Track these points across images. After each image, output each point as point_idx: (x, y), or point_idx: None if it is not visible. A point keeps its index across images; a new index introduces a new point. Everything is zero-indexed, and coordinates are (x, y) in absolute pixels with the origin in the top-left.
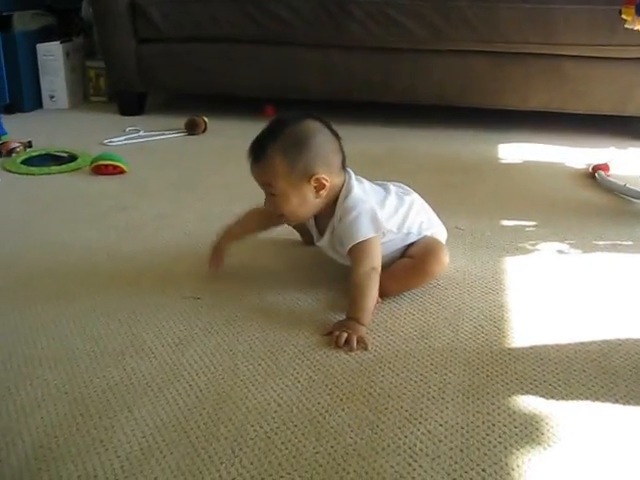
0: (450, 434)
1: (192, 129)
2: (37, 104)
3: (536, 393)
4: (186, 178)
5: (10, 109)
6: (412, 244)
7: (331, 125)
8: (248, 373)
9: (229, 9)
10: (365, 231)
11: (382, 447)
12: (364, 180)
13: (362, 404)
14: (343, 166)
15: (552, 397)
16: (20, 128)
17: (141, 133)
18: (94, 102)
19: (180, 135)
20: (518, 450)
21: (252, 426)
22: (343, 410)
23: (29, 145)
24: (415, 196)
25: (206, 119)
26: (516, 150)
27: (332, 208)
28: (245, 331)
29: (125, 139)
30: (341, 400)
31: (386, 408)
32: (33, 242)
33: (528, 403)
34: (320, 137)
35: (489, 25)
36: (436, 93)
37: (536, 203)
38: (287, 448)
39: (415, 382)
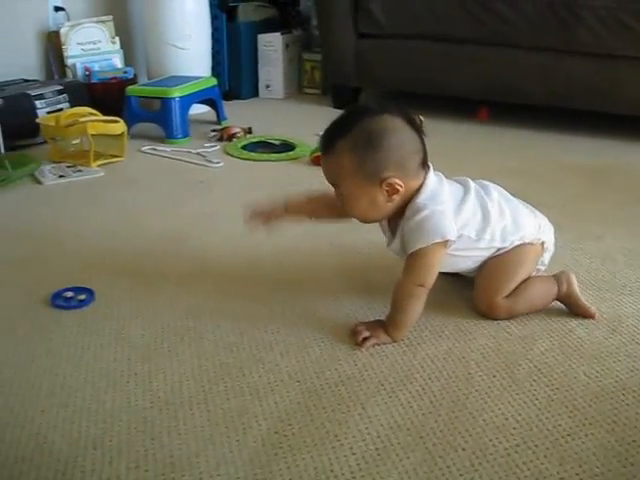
0: None
1: None
2: (254, 92)
3: None
4: None
5: (228, 96)
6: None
7: (414, 120)
8: (483, 384)
9: (452, 7)
10: (429, 236)
11: None
12: (444, 178)
13: (607, 432)
14: (424, 165)
15: None
16: (237, 115)
17: None
18: (308, 94)
19: None
20: None
21: (490, 440)
22: (586, 436)
23: (249, 131)
24: (496, 195)
25: (422, 118)
26: None
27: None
28: (477, 339)
29: None
30: (583, 425)
31: (634, 440)
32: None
33: None
34: (397, 136)
35: None
36: None
37: None
38: (529, 469)
39: None
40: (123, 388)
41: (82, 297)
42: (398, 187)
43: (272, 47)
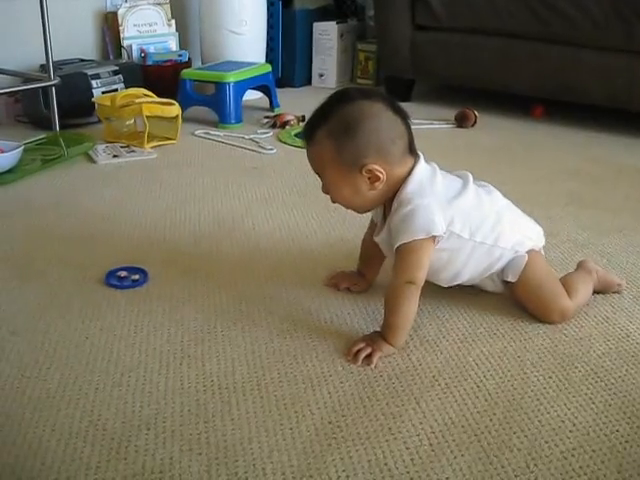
0: None
1: (462, 122)
2: (306, 81)
3: None
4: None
5: (281, 83)
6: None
7: (397, 105)
8: (539, 384)
9: (513, 3)
10: (414, 231)
11: None
12: (437, 169)
13: None
14: (411, 152)
15: None
16: (290, 102)
17: (410, 120)
18: (360, 84)
19: (449, 126)
20: None
21: (546, 442)
22: None
23: (302, 119)
24: (497, 196)
25: (477, 113)
26: None
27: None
28: (532, 339)
29: None
30: None
31: None
32: (323, 213)
33: None
34: (376, 121)
35: None
36: None
37: None
38: (586, 474)
39: None
40: (176, 370)
41: (136, 277)
42: (379, 174)
43: (327, 36)
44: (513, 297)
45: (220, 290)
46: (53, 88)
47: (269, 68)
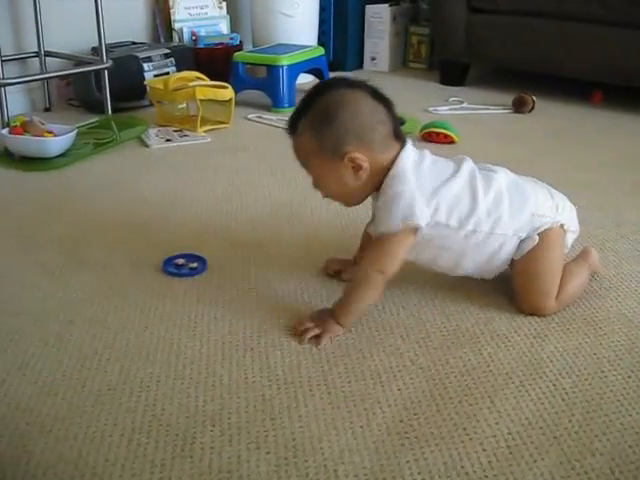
0: None
1: (520, 107)
2: (358, 64)
3: None
4: (517, 157)
5: (333, 66)
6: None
7: (380, 92)
8: (618, 384)
9: None
10: (392, 221)
11: None
12: (427, 157)
13: None
14: (397, 137)
15: None
16: None
17: (465, 105)
18: (412, 68)
19: (506, 112)
20: None
21: (630, 447)
22: None
23: None
24: (498, 181)
25: (534, 98)
26: None
27: None
28: (608, 335)
29: (449, 109)
30: None
31: None
32: None
33: None
34: (354, 108)
35: None
36: None
37: None
38: None
39: None
40: (239, 363)
41: (194, 265)
42: (361, 162)
43: (379, 18)
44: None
45: (281, 279)
46: (106, 71)
47: (322, 51)
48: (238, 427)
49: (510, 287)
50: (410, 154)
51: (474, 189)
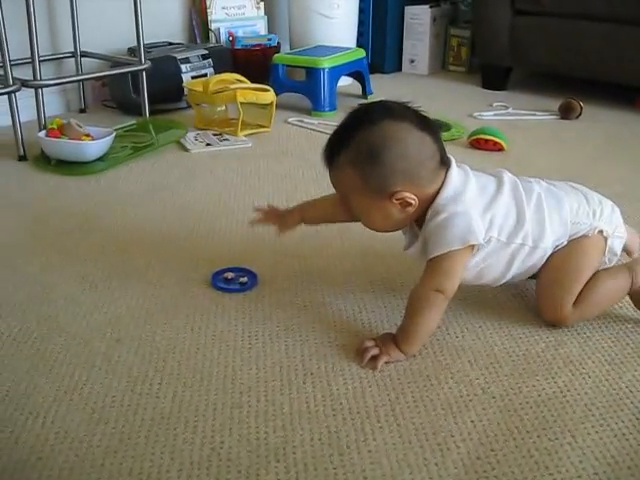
0: None
1: (567, 113)
2: (397, 67)
3: None
4: (570, 165)
5: (371, 69)
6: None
7: (426, 120)
8: None
9: None
10: (449, 241)
11: None
12: (470, 174)
13: None
14: (443, 164)
15: None
16: (381, 89)
17: (510, 110)
18: (452, 71)
19: (552, 117)
20: None
21: None
22: None
23: None
24: (536, 193)
25: (582, 103)
26: None
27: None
28: None
29: (494, 114)
30: None
31: None
32: None
33: None
34: (401, 146)
35: None
36: None
37: None
38: None
39: None
40: (300, 390)
41: (244, 280)
42: (410, 200)
43: (419, 20)
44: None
45: (336, 296)
46: (144, 73)
47: (363, 53)
48: (304, 463)
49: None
50: (456, 176)
51: (519, 203)
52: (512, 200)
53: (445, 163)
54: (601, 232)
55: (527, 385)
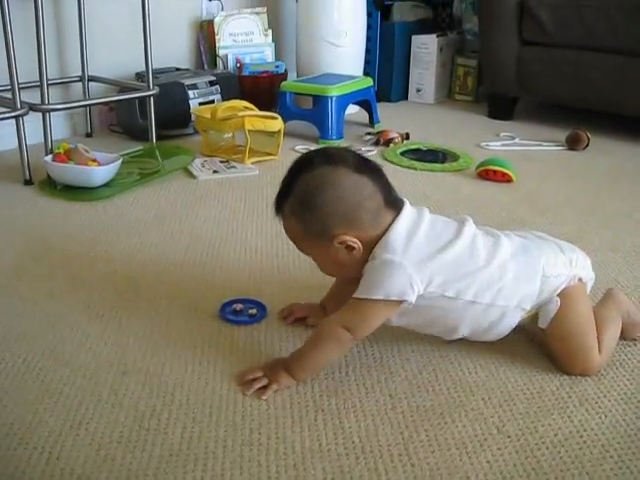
0: None
1: (574, 144)
2: (403, 95)
3: None
4: (578, 197)
5: (377, 97)
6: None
7: (364, 162)
8: None
9: (631, 19)
10: (374, 290)
11: None
12: (426, 218)
13: None
14: (389, 204)
15: None
16: (387, 118)
17: (517, 140)
18: (458, 100)
19: (559, 148)
20: None
21: None
22: None
23: (407, 137)
24: (505, 249)
25: (589, 134)
26: None
27: None
28: None
29: (502, 144)
30: None
31: None
32: None
33: None
34: (336, 189)
35: None
36: None
37: None
38: None
39: None
40: (311, 427)
41: (253, 311)
42: (352, 244)
43: (426, 49)
44: (543, 343)
45: None
46: (151, 98)
47: (370, 82)
48: None
49: (547, 354)
50: (403, 220)
51: (475, 256)
52: (467, 252)
53: (392, 205)
54: (580, 280)
55: (543, 424)
